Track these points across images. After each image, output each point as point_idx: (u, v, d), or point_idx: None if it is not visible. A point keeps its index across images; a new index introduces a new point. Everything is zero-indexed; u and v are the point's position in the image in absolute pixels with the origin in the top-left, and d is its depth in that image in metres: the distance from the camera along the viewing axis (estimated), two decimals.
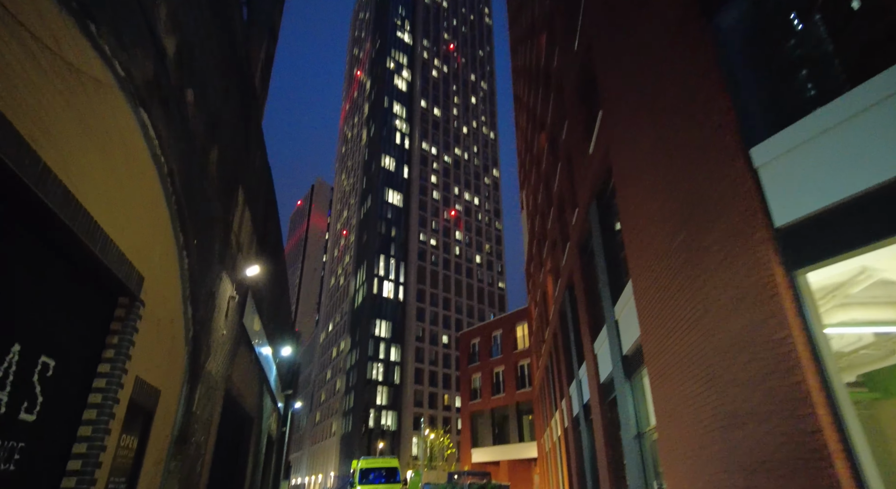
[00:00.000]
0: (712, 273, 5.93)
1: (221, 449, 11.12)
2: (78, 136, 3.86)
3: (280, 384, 19.86)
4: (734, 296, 5.54)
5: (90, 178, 4.12)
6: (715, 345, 5.75)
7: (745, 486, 5.24)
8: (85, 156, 4.00)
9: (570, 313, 16.73)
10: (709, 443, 5.84)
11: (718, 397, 5.64)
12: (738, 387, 5.37)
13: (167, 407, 6.52)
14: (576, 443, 17.52)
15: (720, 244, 5.83)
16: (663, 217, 7.27)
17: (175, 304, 6.52)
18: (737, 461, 5.33)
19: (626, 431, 10.10)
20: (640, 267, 8.38)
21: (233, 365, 9.90)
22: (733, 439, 5.37)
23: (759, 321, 5.22)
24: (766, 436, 5.00)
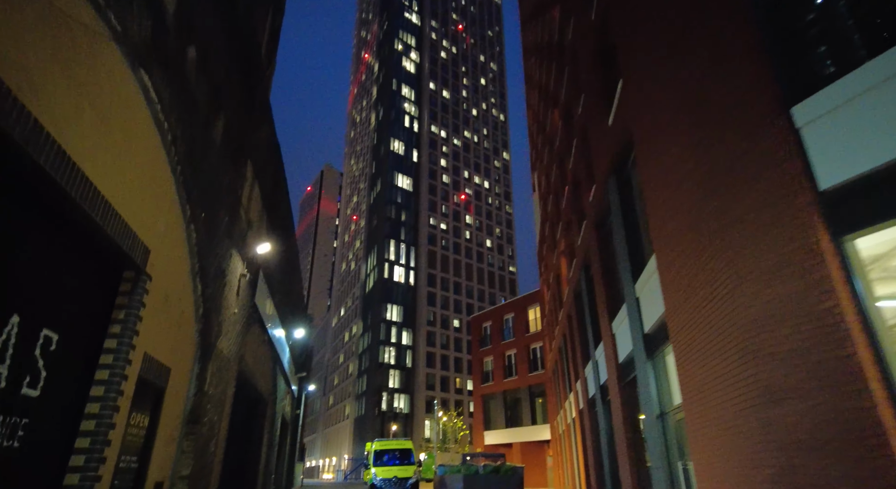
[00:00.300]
0: (748, 241, 5.58)
1: (235, 429, 11.05)
2: (68, 90, 3.57)
3: (293, 366, 19.84)
4: (773, 264, 5.19)
5: (85, 139, 3.85)
6: (751, 317, 5.41)
7: (783, 466, 4.95)
8: (78, 114, 3.72)
9: (586, 293, 16.40)
10: (742, 422, 5.55)
11: (755, 372, 5.32)
12: (777, 362, 5.05)
13: (178, 385, 6.35)
14: (591, 425, 17.33)
15: (757, 210, 5.46)
16: (691, 185, 6.89)
17: (183, 280, 6.30)
18: (775, 440, 5.03)
19: (647, 411, 9.83)
20: (664, 240, 8.02)
21: (245, 345, 9.75)
22: (771, 417, 5.07)
23: (802, 290, 4.88)
24: (809, 412, 4.69)
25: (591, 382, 16.80)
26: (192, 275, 6.52)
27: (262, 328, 11.27)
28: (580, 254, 16.72)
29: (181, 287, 6.24)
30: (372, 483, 19.98)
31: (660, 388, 9.53)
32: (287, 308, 15.46)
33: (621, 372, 12.21)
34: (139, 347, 5.12)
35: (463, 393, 74.22)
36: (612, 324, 12.75)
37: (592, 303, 16.03)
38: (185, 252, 6.22)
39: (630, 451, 11.52)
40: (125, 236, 4.60)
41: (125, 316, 4.93)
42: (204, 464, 7.15)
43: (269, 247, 8.81)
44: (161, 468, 5.99)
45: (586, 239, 15.24)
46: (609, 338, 12.85)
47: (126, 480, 5.16)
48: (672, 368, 9.12)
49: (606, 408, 14.91)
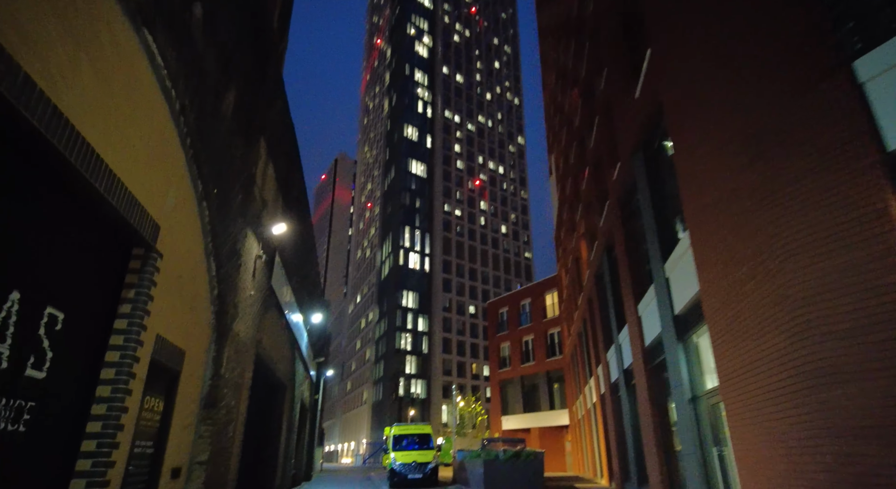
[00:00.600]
0: (799, 209, 5.13)
1: (254, 414, 10.92)
2: (63, 40, 3.25)
3: (311, 352, 19.77)
4: (830, 233, 4.75)
5: (84, 100, 3.54)
6: (804, 292, 4.98)
7: (841, 454, 4.56)
8: (75, 70, 3.41)
9: (609, 276, 15.95)
10: (793, 405, 5.15)
11: (808, 352, 4.91)
12: (835, 340, 4.63)
13: (194, 368, 6.13)
14: (614, 409, 16.99)
15: (811, 175, 5.00)
16: (731, 153, 6.41)
17: (196, 259, 6.05)
18: (832, 425, 4.63)
19: (677, 395, 9.45)
20: (699, 214, 7.57)
21: (262, 328, 9.55)
22: (828, 400, 4.67)
23: (864, 261, 4.44)
24: (871, 396, 4.29)
25: (614, 367, 16.42)
26: (205, 254, 6.26)
27: (279, 312, 11.08)
28: (602, 236, 16.24)
29: (194, 267, 5.99)
30: (391, 468, 19.91)
31: (691, 371, 9.13)
32: (304, 292, 15.28)
33: (648, 355, 11.81)
34: (151, 328, 4.88)
35: (479, 378, 74.34)
36: (637, 306, 12.33)
37: (616, 286, 15.59)
38: (197, 230, 5.95)
39: (657, 437, 11.17)
40: (132, 210, 4.32)
41: (135, 295, 4.68)
42: (222, 448, 6.97)
43: (285, 228, 8.54)
44: (178, 453, 5.80)
45: (609, 219, 14.75)
46: (634, 321, 12.44)
47: (141, 465, 4.96)
48: (705, 350, 8.71)
49: (631, 392, 14.54)
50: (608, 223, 14.99)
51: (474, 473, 17.74)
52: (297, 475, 19.42)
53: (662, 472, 10.84)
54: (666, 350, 9.97)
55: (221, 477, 7.07)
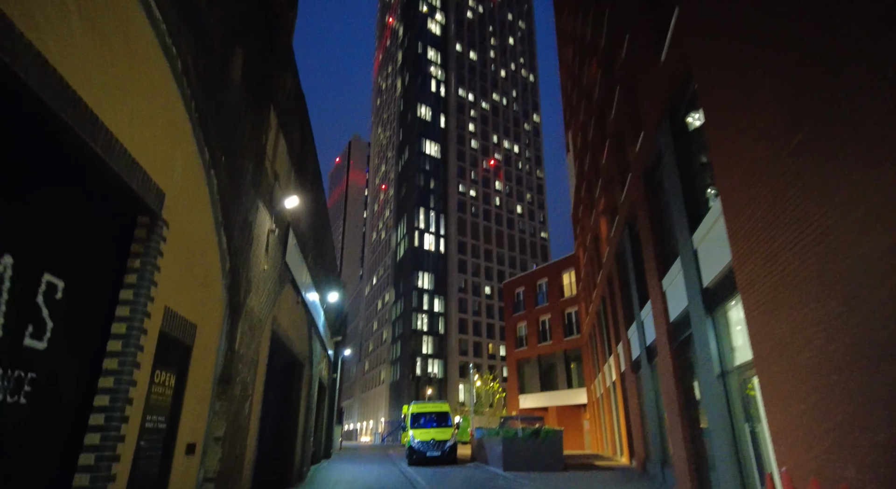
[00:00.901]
0: (852, 171, 4.69)
1: (272, 392, 10.86)
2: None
3: (329, 331, 19.75)
4: (887, 198, 4.32)
5: (72, 48, 3.26)
6: (855, 260, 4.58)
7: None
8: (61, 17, 3.12)
9: (631, 252, 15.51)
10: (841, 379, 4.79)
11: (859, 323, 4.53)
12: (891, 311, 4.24)
13: (207, 343, 5.96)
14: (636, 387, 16.70)
15: (868, 132, 4.55)
16: (773, 111, 5.94)
17: (206, 231, 5.82)
18: (888, 400, 4.27)
19: (704, 371, 9.11)
20: (733, 181, 7.12)
21: (278, 306, 9.38)
22: (886, 373, 4.29)
23: None
24: None
25: (636, 344, 16.09)
26: (215, 226, 6.04)
27: (295, 289, 10.92)
28: (623, 212, 15.76)
29: (205, 239, 5.76)
30: (410, 445, 19.99)
31: (720, 346, 8.77)
32: (320, 270, 15.14)
33: (673, 331, 11.45)
34: (159, 300, 4.68)
35: (496, 358, 74.55)
36: (662, 281, 11.93)
37: (638, 262, 15.16)
38: (206, 201, 5.71)
39: (682, 414, 10.88)
40: (134, 174, 4.07)
41: (141, 265, 4.47)
42: (238, 425, 6.85)
43: (298, 202, 8.29)
44: (193, 429, 5.66)
45: (631, 194, 14.26)
46: (658, 297, 12.05)
47: (154, 441, 4.81)
48: (736, 324, 8.34)
49: (653, 369, 14.23)
50: (630, 198, 14.50)
51: (493, 451, 17.71)
52: (316, 453, 19.59)
53: (687, 450, 10.57)
54: (693, 325, 9.60)
55: (239, 454, 6.96)
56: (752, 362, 7.22)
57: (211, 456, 6.02)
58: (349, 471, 16.60)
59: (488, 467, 17.75)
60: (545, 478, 13.80)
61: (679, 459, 10.99)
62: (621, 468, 17.27)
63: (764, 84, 6.22)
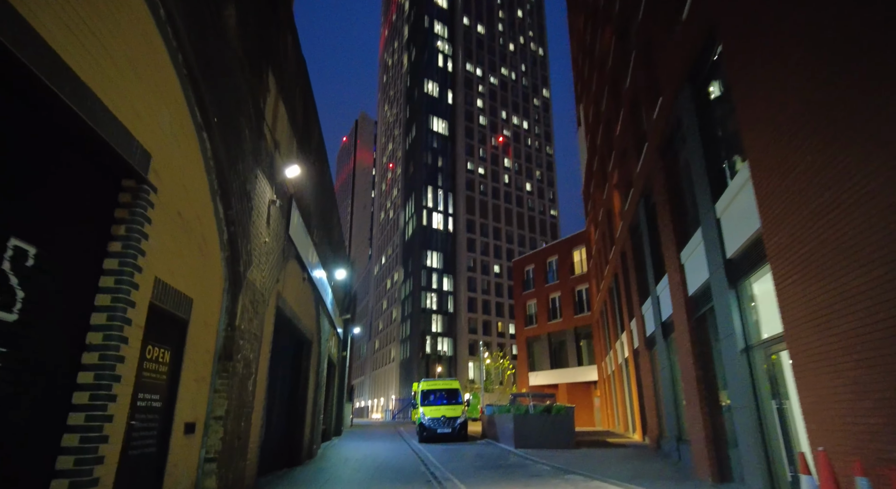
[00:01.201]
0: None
1: (279, 369, 10.66)
2: None
3: (337, 309, 19.56)
4: None
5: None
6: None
7: None
8: None
9: (646, 225, 15.01)
10: (891, 352, 4.38)
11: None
12: None
13: (205, 318, 5.65)
14: (650, 364, 16.38)
15: None
16: (812, 63, 5.42)
17: (201, 198, 5.46)
18: None
19: (727, 346, 8.72)
20: (764, 143, 6.62)
21: (284, 282, 9.08)
22: None
23: None
24: None
25: (650, 320, 15.71)
26: (211, 193, 5.67)
27: (300, 265, 10.62)
28: (639, 184, 15.20)
29: (199, 207, 5.41)
30: (420, 422, 19.92)
31: (744, 320, 8.36)
32: (327, 247, 14.83)
33: (691, 305, 11.05)
34: (148, 270, 4.34)
35: (505, 336, 74.66)
36: (680, 254, 11.47)
37: (654, 235, 14.68)
38: (199, 165, 5.34)
39: (700, 390, 10.53)
40: (114, 131, 3.69)
41: (126, 232, 4.12)
42: (242, 403, 6.60)
43: (299, 172, 7.89)
44: (192, 407, 5.39)
45: (648, 164, 13.70)
46: (676, 271, 11.61)
47: (147, 420, 4.54)
48: (763, 296, 7.90)
49: (669, 345, 13.87)
50: (646, 168, 13.94)
51: (504, 428, 17.57)
52: (327, 431, 19.61)
53: (706, 427, 10.25)
54: (714, 298, 9.19)
55: (243, 432, 6.73)
56: (780, 336, 6.83)
57: (212, 435, 5.78)
58: (360, 449, 16.57)
59: (499, 444, 17.65)
60: (557, 455, 13.62)
61: (696, 437, 10.70)
62: (634, 445, 17.09)
63: (800, 33, 5.67)
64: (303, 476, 9.90)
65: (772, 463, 7.31)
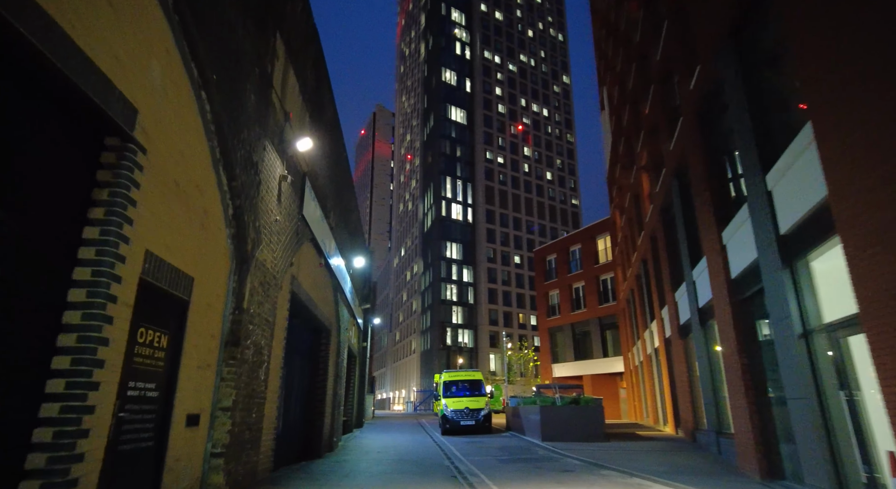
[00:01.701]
0: None
1: (296, 358, 10.20)
2: None
3: (357, 298, 19.11)
4: None
5: None
6: None
7: None
8: None
9: (680, 206, 14.15)
10: None
11: None
12: None
13: (208, 299, 5.13)
14: (684, 353, 15.56)
15: None
16: None
17: (201, 167, 4.92)
18: None
19: (780, 331, 7.93)
20: (831, 96, 5.81)
21: (297, 264, 8.57)
22: None
23: None
24: None
25: (684, 307, 14.87)
26: (213, 161, 5.13)
27: (316, 249, 10.11)
28: (671, 162, 14.32)
29: (199, 175, 4.87)
30: (443, 414, 19.42)
31: (802, 302, 7.55)
32: (344, 232, 14.34)
33: (734, 289, 10.24)
34: (138, 242, 3.81)
35: (526, 327, 73.85)
36: (721, 234, 10.64)
37: (688, 216, 13.82)
38: (198, 128, 4.79)
39: (746, 380, 9.75)
40: (91, 79, 3.13)
41: (110, 196, 3.58)
42: (252, 393, 6.09)
43: (311, 146, 7.32)
44: (196, 397, 4.89)
45: (682, 139, 12.82)
46: (716, 252, 10.79)
47: (140, 411, 4.03)
48: (826, 274, 7.10)
49: (707, 332, 13.06)
50: (680, 145, 13.07)
51: (530, 420, 16.96)
52: (348, 422, 19.25)
53: (753, 420, 9.47)
54: (764, 279, 8.39)
55: (255, 424, 6.24)
56: (851, 317, 6.05)
57: (219, 427, 5.28)
58: (381, 441, 16.14)
59: (525, 437, 17.05)
60: (587, 449, 12.97)
61: (742, 430, 9.93)
62: (667, 438, 16.33)
63: None
64: (322, 469, 9.44)
65: (839, 462, 6.54)
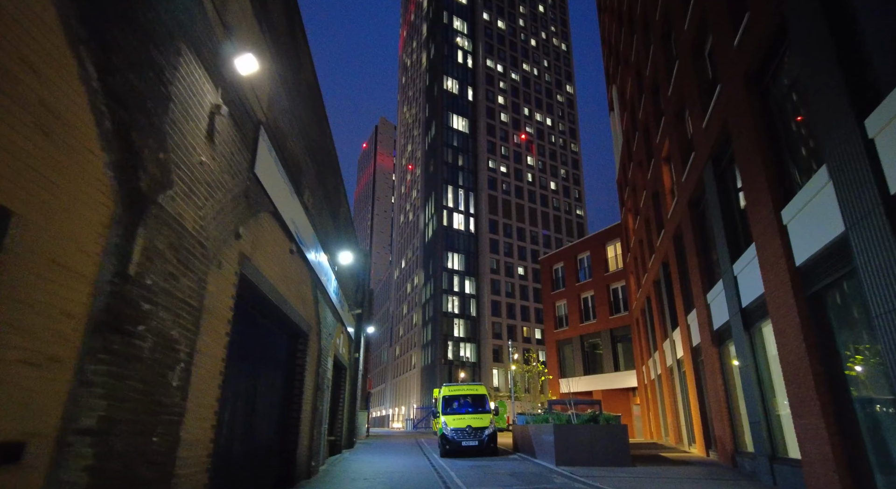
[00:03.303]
0: None
1: (260, 366, 8.21)
2: None
3: (346, 302, 17.11)
4: None
5: None
6: None
7: None
8: None
9: (716, 192, 12.22)
10: None
11: None
12: None
13: (56, 253, 3.19)
14: (719, 363, 13.47)
15: None
16: None
17: (41, 37, 3.01)
18: None
19: (887, 324, 5.92)
20: None
21: (252, 241, 6.62)
22: None
23: None
24: None
25: (720, 309, 12.84)
26: (67, 37, 3.23)
27: (283, 229, 8.18)
28: (706, 141, 12.43)
29: (36, 49, 2.98)
30: (442, 433, 17.21)
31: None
32: (329, 221, 12.41)
33: (800, 279, 8.25)
34: None
35: (531, 341, 71.35)
36: (780, 213, 8.70)
37: (726, 203, 11.90)
38: None
39: (822, 393, 7.71)
40: None
41: None
42: (154, 406, 4.12)
43: (258, 68, 5.44)
44: (19, 414, 2.91)
45: (723, 109, 10.94)
46: (773, 236, 8.84)
47: None
48: None
49: (753, 337, 11.02)
50: (720, 117, 11.18)
51: (542, 441, 14.82)
52: (336, 443, 17.12)
53: (834, 445, 7.42)
54: (858, 260, 6.40)
55: (159, 452, 4.24)
56: None
57: (74, 461, 3.29)
58: (372, 464, 14.01)
59: (536, 460, 14.89)
60: (615, 476, 10.85)
61: (815, 457, 7.87)
62: (700, 462, 14.15)
63: None
64: None
65: None
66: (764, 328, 10.67)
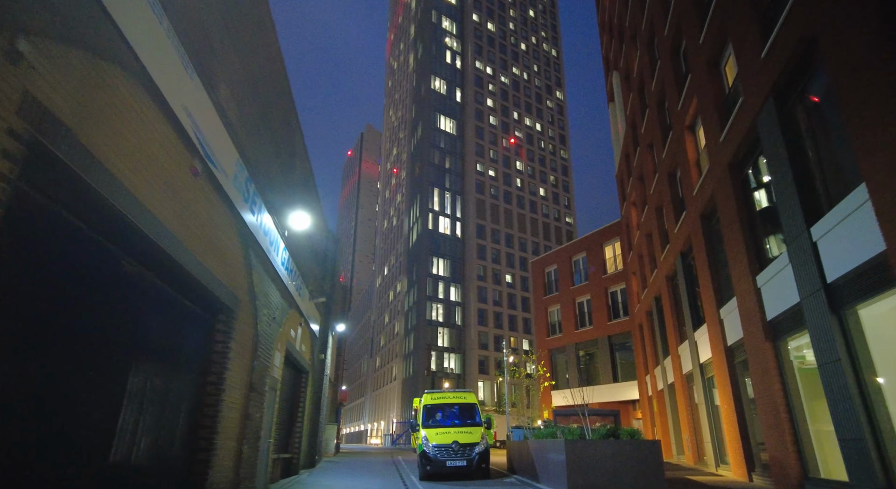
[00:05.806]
0: None
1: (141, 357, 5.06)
2: None
3: (308, 287, 13.94)
4: None
5: None
6: None
7: None
8: None
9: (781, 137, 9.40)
10: None
11: None
12: None
13: None
14: (775, 362, 10.57)
15: None
16: None
17: None
18: None
19: None
20: None
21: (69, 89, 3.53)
22: None
23: None
24: None
25: (778, 292, 9.95)
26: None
27: (171, 122, 5.11)
28: (764, 78, 9.66)
29: None
30: (423, 451, 13.92)
31: None
32: (271, 159, 9.34)
33: None
34: None
35: (519, 352, 68.14)
36: None
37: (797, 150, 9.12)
38: None
39: None
40: None
41: None
42: None
43: None
44: None
45: (778, 62, 8.18)
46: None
47: None
48: None
49: (845, 323, 8.15)
50: (768, 73, 8.41)
51: (548, 461, 11.70)
52: (291, 462, 13.80)
53: None
54: None
55: None
56: None
57: None
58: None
59: (540, 485, 11.77)
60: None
61: None
62: (744, 487, 11.17)
63: None
64: None
65: None
66: (860, 312, 7.83)
